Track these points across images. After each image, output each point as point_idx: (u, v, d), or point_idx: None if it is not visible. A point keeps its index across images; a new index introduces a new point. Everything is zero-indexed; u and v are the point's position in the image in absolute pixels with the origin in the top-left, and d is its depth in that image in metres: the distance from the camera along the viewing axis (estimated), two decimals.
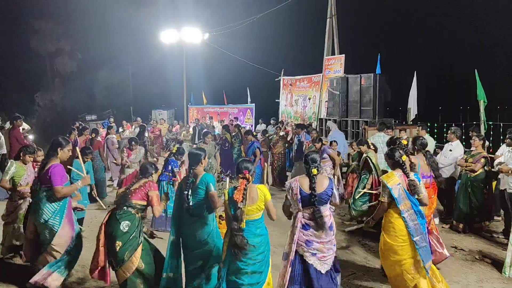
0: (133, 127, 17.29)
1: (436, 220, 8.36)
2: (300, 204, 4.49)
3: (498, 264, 6.31)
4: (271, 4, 20.31)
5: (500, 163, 7.43)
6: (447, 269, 6.21)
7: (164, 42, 23.77)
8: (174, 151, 8.34)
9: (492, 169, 7.84)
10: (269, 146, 12.39)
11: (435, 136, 13.89)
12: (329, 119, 14.64)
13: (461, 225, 7.88)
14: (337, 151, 9.65)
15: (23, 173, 6.13)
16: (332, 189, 4.53)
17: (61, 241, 5.01)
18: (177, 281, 4.79)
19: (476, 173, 7.68)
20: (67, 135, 9.63)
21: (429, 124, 14.46)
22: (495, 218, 8.38)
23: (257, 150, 10.83)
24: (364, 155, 8.07)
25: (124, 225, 4.64)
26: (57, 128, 24.73)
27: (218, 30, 24.23)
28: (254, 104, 22.66)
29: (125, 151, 9.38)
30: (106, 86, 30.67)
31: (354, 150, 9.40)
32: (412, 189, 4.79)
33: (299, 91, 19.69)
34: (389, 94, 13.37)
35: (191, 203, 4.65)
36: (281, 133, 13.42)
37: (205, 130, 12.47)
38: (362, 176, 8.00)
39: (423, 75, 16.61)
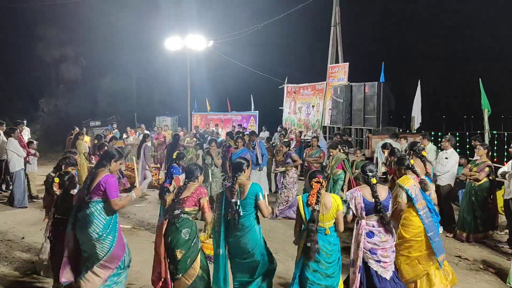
0: (137, 133, 17.31)
1: (440, 229, 8.32)
2: (364, 213, 4.73)
3: (502, 274, 6.26)
4: (276, 12, 20.41)
5: (504, 172, 7.41)
6: None
7: (168, 49, 23.86)
8: (174, 157, 8.33)
9: (496, 178, 7.80)
10: (273, 153, 12.37)
11: (439, 145, 13.85)
12: (333, 127, 14.66)
13: (464, 234, 7.83)
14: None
15: None
16: (390, 198, 4.84)
17: (115, 257, 4.64)
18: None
19: (480, 182, 7.65)
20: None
21: (433, 133, 14.43)
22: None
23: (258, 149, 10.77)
24: (338, 157, 8.98)
25: (185, 232, 4.60)
26: (61, 134, 24.81)
27: (222, 37, 24.35)
28: (257, 111, 22.70)
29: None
30: (110, 93, 30.79)
31: (359, 158, 9.55)
32: (422, 186, 5.23)
33: (303, 98, 19.72)
34: (393, 103, 13.37)
35: (241, 213, 4.63)
36: (285, 140, 13.39)
37: (210, 137, 12.46)
38: (337, 177, 8.88)
39: (427, 84, 16.62)
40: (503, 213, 8.35)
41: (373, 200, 4.69)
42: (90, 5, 27.86)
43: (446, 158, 8.29)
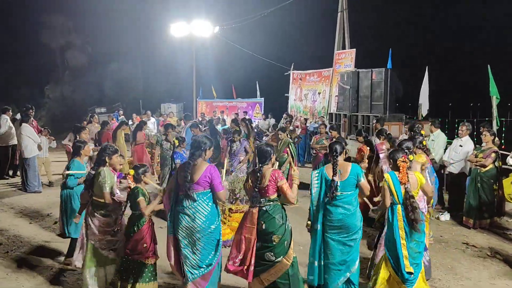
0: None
1: (447, 216, 8.30)
2: None
3: (510, 261, 6.25)
4: None
5: None
6: (459, 265, 6.15)
7: (174, 36, 23.72)
8: (177, 144, 8.29)
9: (504, 166, 7.74)
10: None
11: (446, 132, 13.76)
12: (339, 114, 14.57)
13: (471, 221, 7.80)
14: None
15: (114, 180, 5.21)
16: None
17: (219, 254, 4.68)
18: (325, 268, 4.94)
19: (486, 169, 7.59)
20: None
21: (440, 120, 14.30)
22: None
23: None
24: (285, 141, 9.57)
25: (278, 218, 4.66)
26: (66, 121, 24.84)
27: (228, 23, 24.16)
28: (263, 98, 22.60)
29: None
30: (116, 80, 30.73)
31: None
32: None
33: (309, 85, 19.60)
34: (401, 89, 13.25)
35: (339, 192, 4.83)
36: (290, 128, 13.37)
37: (193, 121, 12.52)
38: (283, 160, 9.29)
39: (435, 71, 16.44)
40: (511, 201, 8.31)
41: None
42: None
43: (461, 146, 8.23)
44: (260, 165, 4.76)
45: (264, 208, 4.64)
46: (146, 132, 12.07)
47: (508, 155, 8.41)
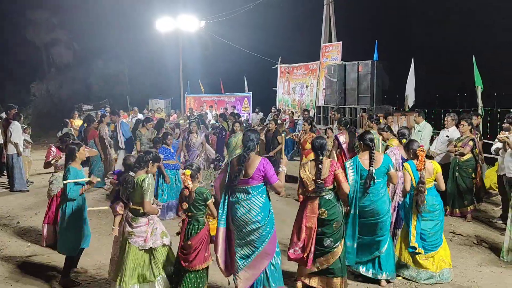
0: (130, 116, 17.21)
1: None
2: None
3: (496, 249, 6.34)
4: None
5: (498, 149, 7.44)
6: None
7: (160, 31, 23.58)
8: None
9: (488, 155, 7.84)
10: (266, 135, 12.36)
11: (433, 122, 13.90)
12: (327, 107, 14.63)
13: (448, 208, 7.95)
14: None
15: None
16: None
17: (273, 244, 4.64)
18: (358, 248, 5.38)
19: (464, 158, 7.77)
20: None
21: (426, 111, 14.44)
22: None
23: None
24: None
25: (339, 205, 4.99)
26: (53, 118, 24.65)
27: (214, 18, 24.06)
28: (251, 92, 22.58)
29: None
30: (103, 76, 30.49)
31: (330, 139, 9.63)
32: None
33: (297, 79, 19.62)
34: (387, 81, 13.35)
35: (375, 180, 5.26)
36: (278, 121, 13.38)
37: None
38: None
39: (421, 62, 16.57)
40: (496, 189, 8.45)
41: None
42: None
43: (447, 136, 8.32)
44: (320, 156, 4.95)
45: (326, 197, 4.91)
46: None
47: (493, 144, 8.52)
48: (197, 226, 4.58)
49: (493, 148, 7.86)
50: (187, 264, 4.50)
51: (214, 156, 11.50)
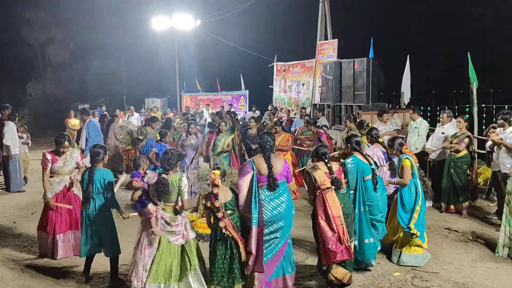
0: (126, 115, 17.21)
1: (430, 203, 8.43)
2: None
3: (491, 245, 6.37)
4: None
5: (492, 144, 7.47)
6: (441, 250, 6.27)
7: (155, 30, 23.55)
8: (158, 138, 8.34)
9: (483, 151, 7.88)
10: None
11: (428, 119, 13.93)
12: (323, 104, 14.64)
13: (443, 204, 8.05)
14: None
15: None
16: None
17: (290, 237, 5.08)
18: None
19: (460, 154, 7.80)
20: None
21: (422, 108, 14.47)
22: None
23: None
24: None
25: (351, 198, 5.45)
26: (49, 118, 24.60)
27: (210, 16, 24.03)
28: (247, 91, 22.57)
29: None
30: (99, 75, 30.38)
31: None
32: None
33: (293, 76, 19.62)
34: (383, 79, 13.35)
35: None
36: (274, 119, 13.38)
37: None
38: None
39: (416, 59, 16.59)
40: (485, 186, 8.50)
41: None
42: None
43: (443, 133, 8.35)
44: (326, 160, 5.23)
45: (341, 192, 5.16)
46: (130, 128, 11.99)
47: (488, 140, 8.55)
48: (238, 218, 4.83)
49: (487, 144, 7.90)
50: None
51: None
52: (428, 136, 9.19)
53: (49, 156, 6.08)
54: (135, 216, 5.24)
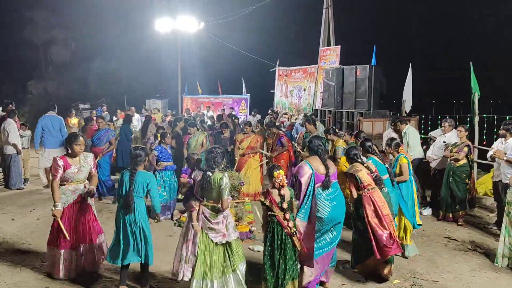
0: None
1: (429, 211, 8.44)
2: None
3: (491, 255, 6.36)
4: None
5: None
6: (440, 259, 6.26)
7: (159, 31, 23.58)
8: (159, 139, 8.39)
9: (484, 161, 7.89)
10: (265, 137, 12.33)
11: (429, 128, 13.95)
12: (324, 110, 14.64)
13: (441, 212, 8.07)
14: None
15: None
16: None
17: None
18: None
19: (459, 163, 7.84)
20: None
21: (423, 117, 14.52)
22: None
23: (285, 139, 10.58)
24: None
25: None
26: None
27: (214, 19, 24.07)
28: (249, 94, 22.59)
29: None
30: (100, 75, 30.40)
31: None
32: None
33: (294, 82, 19.64)
34: (385, 86, 13.36)
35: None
36: (276, 123, 13.37)
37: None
38: None
39: (419, 68, 16.62)
40: (492, 195, 8.48)
41: None
42: None
43: (444, 142, 8.36)
44: (359, 160, 5.56)
45: (385, 190, 5.48)
46: (131, 128, 11.96)
47: (489, 150, 8.55)
48: (292, 217, 4.89)
49: (489, 154, 7.89)
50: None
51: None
52: (422, 142, 9.25)
53: (60, 162, 5.23)
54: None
